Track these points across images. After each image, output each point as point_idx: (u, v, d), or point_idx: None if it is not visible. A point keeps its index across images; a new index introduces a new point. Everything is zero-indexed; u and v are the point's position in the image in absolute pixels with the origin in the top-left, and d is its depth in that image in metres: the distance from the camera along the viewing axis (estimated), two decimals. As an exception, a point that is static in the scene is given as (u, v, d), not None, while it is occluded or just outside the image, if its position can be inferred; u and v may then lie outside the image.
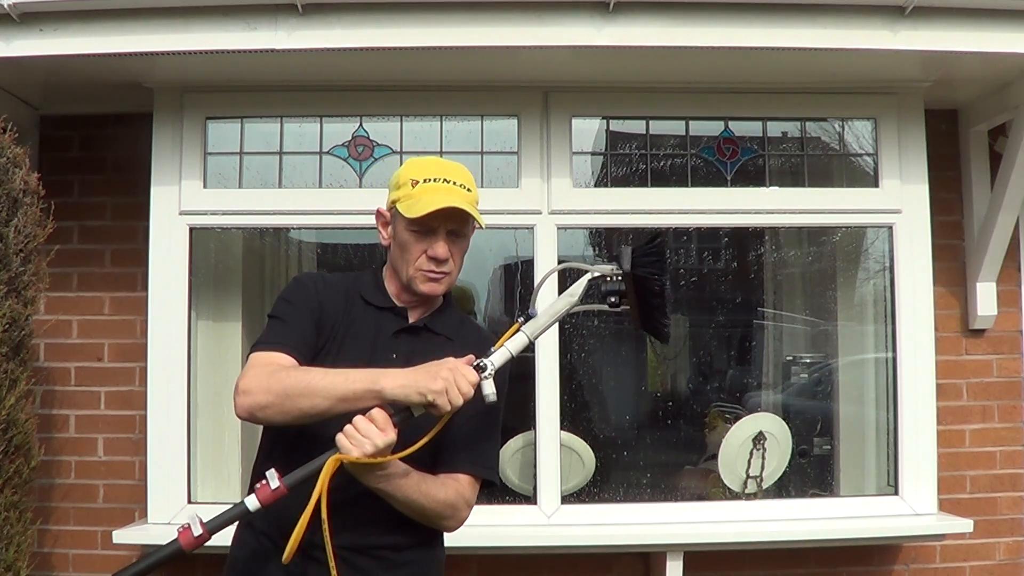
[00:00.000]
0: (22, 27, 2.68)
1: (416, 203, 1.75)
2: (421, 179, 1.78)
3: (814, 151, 3.43)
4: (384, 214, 1.88)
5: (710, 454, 3.72)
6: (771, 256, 4.09)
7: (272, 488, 1.56)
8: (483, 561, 3.28)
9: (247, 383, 1.64)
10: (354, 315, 1.83)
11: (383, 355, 1.79)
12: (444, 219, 1.76)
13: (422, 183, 1.77)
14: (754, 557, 3.26)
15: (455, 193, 1.77)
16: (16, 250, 2.72)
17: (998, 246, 3.29)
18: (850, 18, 2.72)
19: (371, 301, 1.85)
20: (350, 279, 1.91)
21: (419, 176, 1.79)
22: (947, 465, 3.33)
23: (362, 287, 1.88)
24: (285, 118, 3.23)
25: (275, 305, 1.84)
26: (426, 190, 1.77)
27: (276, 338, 1.74)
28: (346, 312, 1.83)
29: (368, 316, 1.84)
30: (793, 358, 4.18)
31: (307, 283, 1.85)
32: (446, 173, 1.80)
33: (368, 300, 1.86)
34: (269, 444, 1.80)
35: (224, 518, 1.57)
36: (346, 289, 1.87)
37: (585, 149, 3.35)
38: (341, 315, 1.82)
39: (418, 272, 1.80)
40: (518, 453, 3.35)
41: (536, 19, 2.70)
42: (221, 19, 2.69)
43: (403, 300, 1.86)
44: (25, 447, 2.74)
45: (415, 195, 1.76)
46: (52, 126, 3.38)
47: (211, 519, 1.56)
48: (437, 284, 1.82)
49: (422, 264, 1.80)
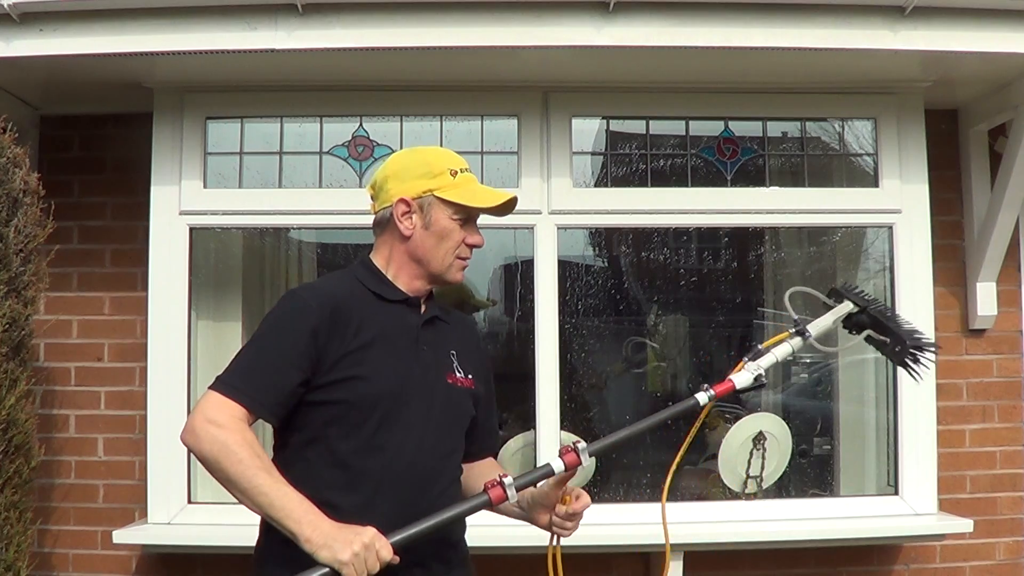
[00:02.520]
0: (22, 27, 2.68)
1: (474, 193, 1.81)
2: (459, 169, 1.82)
3: (814, 151, 3.43)
4: (410, 203, 1.81)
5: (710, 454, 3.72)
6: (771, 256, 4.09)
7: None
8: (482, 561, 3.27)
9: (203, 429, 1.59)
10: (375, 314, 1.78)
11: (415, 349, 1.80)
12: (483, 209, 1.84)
13: (461, 172, 1.82)
14: (754, 557, 3.26)
15: (502, 193, 1.85)
16: (16, 250, 2.72)
17: (998, 246, 3.29)
18: (850, 18, 2.72)
19: (386, 296, 1.82)
20: (346, 280, 1.85)
21: (455, 167, 1.82)
22: (947, 465, 3.33)
23: (370, 284, 1.83)
24: (285, 118, 3.23)
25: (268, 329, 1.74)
26: (470, 180, 1.83)
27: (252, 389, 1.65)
28: (364, 313, 1.77)
29: (390, 312, 1.81)
30: (793, 358, 4.17)
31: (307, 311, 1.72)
32: (466, 164, 1.86)
33: (383, 296, 1.82)
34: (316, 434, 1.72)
35: (530, 478, 1.70)
36: (350, 291, 1.80)
37: (585, 149, 3.35)
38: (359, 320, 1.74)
39: (456, 260, 1.83)
40: (518, 453, 3.35)
41: (536, 19, 2.70)
42: (221, 19, 2.69)
43: (414, 291, 1.85)
44: (25, 447, 2.74)
45: (462, 184, 1.81)
46: (52, 126, 3.37)
47: (518, 479, 1.68)
48: (462, 273, 1.88)
49: (462, 252, 1.83)
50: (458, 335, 1.93)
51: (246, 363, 1.69)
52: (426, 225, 1.81)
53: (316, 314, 1.71)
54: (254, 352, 1.71)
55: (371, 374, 1.71)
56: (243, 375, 1.67)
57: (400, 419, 1.73)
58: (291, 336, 1.69)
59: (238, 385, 1.65)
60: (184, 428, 1.62)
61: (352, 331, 1.72)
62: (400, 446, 1.71)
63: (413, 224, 1.81)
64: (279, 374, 1.67)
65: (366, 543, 1.53)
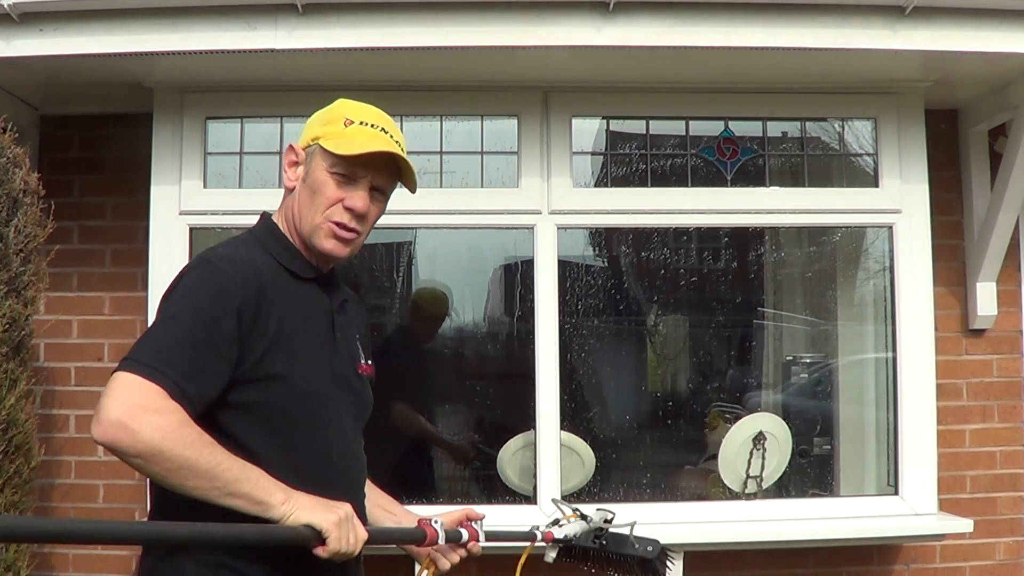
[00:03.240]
0: (22, 27, 2.68)
1: (351, 141, 1.55)
2: (357, 120, 1.58)
3: (814, 151, 3.43)
4: (297, 151, 1.62)
5: (710, 454, 3.72)
6: (771, 256, 4.09)
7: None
8: (482, 561, 3.27)
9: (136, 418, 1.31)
10: (292, 296, 1.54)
11: (332, 338, 1.61)
12: (375, 169, 1.57)
13: (358, 124, 1.57)
14: (754, 557, 3.26)
15: (394, 146, 1.59)
16: (16, 250, 2.72)
17: (998, 246, 3.28)
18: (850, 18, 2.72)
19: (300, 274, 1.59)
20: (258, 251, 1.57)
21: (355, 117, 1.59)
22: (947, 465, 3.33)
23: (283, 258, 1.58)
24: (285, 118, 3.23)
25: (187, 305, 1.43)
26: (363, 132, 1.57)
27: (175, 373, 1.37)
28: (282, 296, 1.52)
29: (307, 294, 1.59)
30: (793, 358, 4.18)
31: (231, 288, 1.45)
32: (384, 123, 1.61)
33: (298, 273, 1.58)
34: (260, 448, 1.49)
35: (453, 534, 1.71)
36: (266, 266, 1.54)
37: (585, 149, 3.35)
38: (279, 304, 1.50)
39: (326, 223, 1.55)
40: (518, 453, 3.35)
41: (536, 19, 2.70)
42: (221, 19, 2.69)
43: (320, 265, 1.62)
44: (25, 447, 2.74)
45: (349, 134, 1.56)
46: (52, 126, 3.37)
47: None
48: (343, 245, 1.58)
49: (334, 214, 1.55)
50: (359, 317, 1.75)
51: (164, 342, 1.41)
52: (305, 177, 1.59)
53: (241, 293, 1.45)
54: (173, 330, 1.42)
55: (294, 373, 1.50)
56: (162, 355, 1.38)
57: (325, 421, 1.56)
58: (214, 317, 1.42)
59: (158, 367, 1.36)
60: (102, 422, 1.32)
61: (274, 319, 1.48)
62: (329, 452, 1.56)
63: (297, 175, 1.61)
64: (204, 359, 1.40)
65: (348, 514, 1.42)
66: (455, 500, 3.98)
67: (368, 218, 1.60)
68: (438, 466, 4.00)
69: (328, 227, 1.56)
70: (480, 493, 3.90)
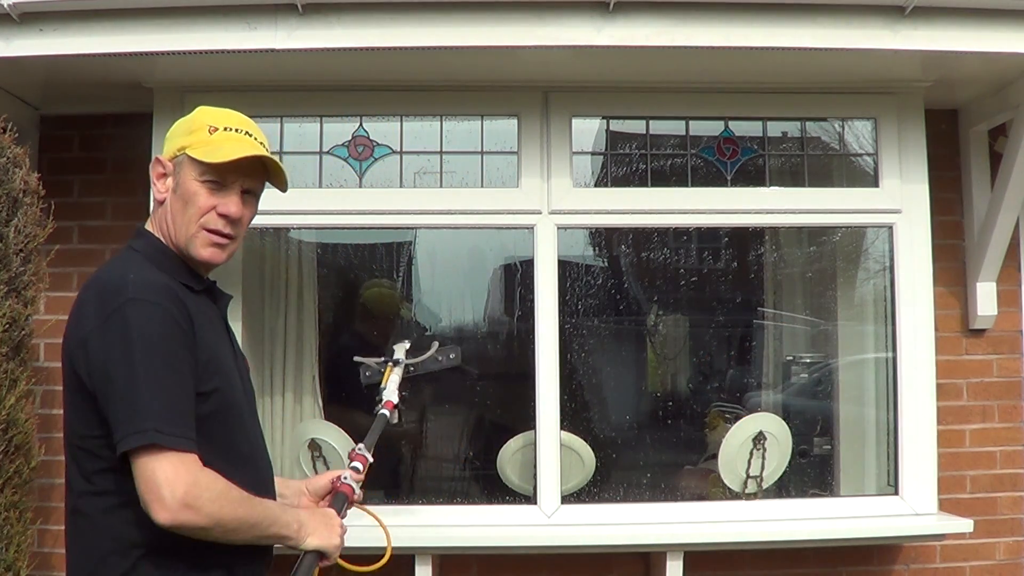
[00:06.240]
0: (22, 27, 2.68)
1: (218, 149, 1.58)
2: (221, 127, 1.62)
3: (814, 151, 3.43)
4: (164, 163, 1.64)
5: (710, 454, 3.72)
6: (771, 256, 4.09)
7: None
8: (483, 561, 3.28)
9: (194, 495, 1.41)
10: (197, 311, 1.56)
11: (229, 344, 1.69)
12: (243, 174, 1.61)
13: (222, 131, 1.62)
14: (754, 557, 3.26)
15: (261, 148, 1.63)
16: (16, 250, 2.72)
17: (998, 246, 3.29)
18: (850, 18, 2.72)
19: (194, 287, 1.61)
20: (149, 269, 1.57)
21: (219, 124, 1.63)
22: (947, 465, 3.33)
23: (176, 273, 1.59)
24: (285, 118, 3.23)
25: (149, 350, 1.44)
26: (228, 138, 1.61)
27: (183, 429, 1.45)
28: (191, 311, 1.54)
29: (204, 306, 1.62)
30: (793, 358, 4.18)
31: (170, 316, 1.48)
32: (247, 127, 1.66)
33: (193, 288, 1.61)
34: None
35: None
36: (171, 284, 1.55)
37: (585, 149, 3.35)
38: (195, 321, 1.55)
39: (202, 231, 1.59)
40: (518, 453, 3.35)
41: (536, 19, 2.70)
42: (221, 19, 2.69)
43: (201, 273, 1.66)
44: (25, 447, 2.74)
45: (215, 141, 1.59)
46: (52, 126, 3.37)
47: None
48: (220, 250, 1.62)
49: (208, 222, 1.59)
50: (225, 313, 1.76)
51: (160, 402, 1.44)
52: (175, 189, 1.61)
53: (181, 320, 1.50)
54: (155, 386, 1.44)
55: (224, 385, 1.57)
56: (169, 417, 1.44)
57: (243, 424, 1.65)
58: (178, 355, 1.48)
59: (175, 432, 1.43)
60: (169, 508, 1.40)
61: (200, 337, 1.54)
62: (253, 453, 1.67)
63: (167, 187, 1.63)
64: (188, 401, 1.48)
65: (341, 523, 1.64)
66: (455, 500, 3.99)
67: (243, 222, 1.65)
68: (438, 466, 4.00)
69: (204, 235, 1.60)
70: (480, 493, 3.90)
